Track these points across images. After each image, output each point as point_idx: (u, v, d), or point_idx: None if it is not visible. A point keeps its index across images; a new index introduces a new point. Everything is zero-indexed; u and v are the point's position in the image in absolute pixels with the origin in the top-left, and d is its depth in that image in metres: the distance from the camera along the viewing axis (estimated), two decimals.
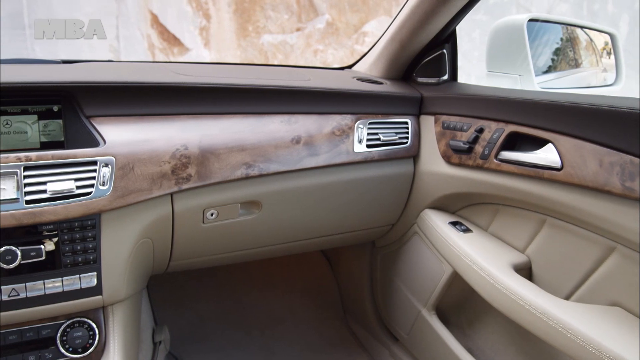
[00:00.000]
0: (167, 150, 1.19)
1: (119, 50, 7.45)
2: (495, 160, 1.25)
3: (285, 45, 7.69)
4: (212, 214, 1.30)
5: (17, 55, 1.55)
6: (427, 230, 1.50)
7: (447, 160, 1.40)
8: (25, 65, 1.41)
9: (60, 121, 1.16)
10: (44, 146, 1.15)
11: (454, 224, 1.44)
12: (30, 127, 1.15)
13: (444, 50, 1.55)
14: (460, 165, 1.37)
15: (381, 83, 1.56)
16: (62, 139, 1.16)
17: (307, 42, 7.74)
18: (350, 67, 1.82)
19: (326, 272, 2.19)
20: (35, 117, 1.15)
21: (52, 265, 1.12)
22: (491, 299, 1.22)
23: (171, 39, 7.67)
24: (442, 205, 1.51)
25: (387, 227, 1.66)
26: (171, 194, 1.22)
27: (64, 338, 1.18)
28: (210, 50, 7.67)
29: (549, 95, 1.21)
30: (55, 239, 1.12)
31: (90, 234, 1.14)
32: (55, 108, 1.17)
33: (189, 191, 1.23)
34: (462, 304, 1.55)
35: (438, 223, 1.46)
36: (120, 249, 1.18)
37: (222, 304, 2.06)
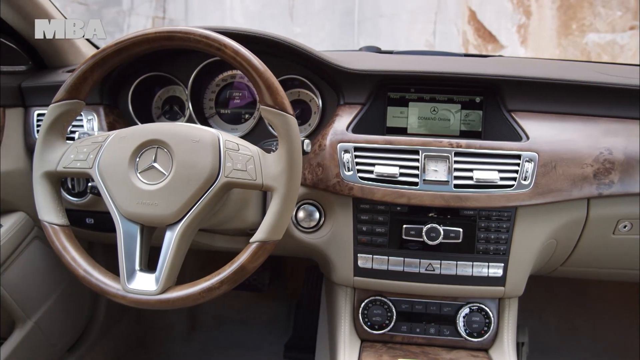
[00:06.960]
0: (591, 153, 1.14)
1: (434, 45, 7.69)
2: None
3: (613, 46, 6.99)
4: (625, 226, 1.21)
5: (345, 46, 1.68)
6: None
7: None
8: (439, 57, 1.50)
9: (481, 112, 1.21)
10: (462, 135, 1.22)
11: None
12: (453, 115, 1.22)
13: None
14: None
15: None
16: (480, 129, 1.21)
17: None
18: None
19: None
20: (458, 106, 1.23)
21: (466, 249, 1.19)
22: None
23: (486, 35, 7.62)
24: None
25: None
26: (588, 199, 1.18)
27: (463, 319, 1.24)
28: (527, 48, 7.40)
29: None
30: (473, 225, 1.18)
31: (505, 226, 1.17)
32: (478, 99, 1.22)
33: (607, 198, 1.16)
34: None
35: None
36: (529, 245, 1.19)
37: (571, 319, 1.95)
